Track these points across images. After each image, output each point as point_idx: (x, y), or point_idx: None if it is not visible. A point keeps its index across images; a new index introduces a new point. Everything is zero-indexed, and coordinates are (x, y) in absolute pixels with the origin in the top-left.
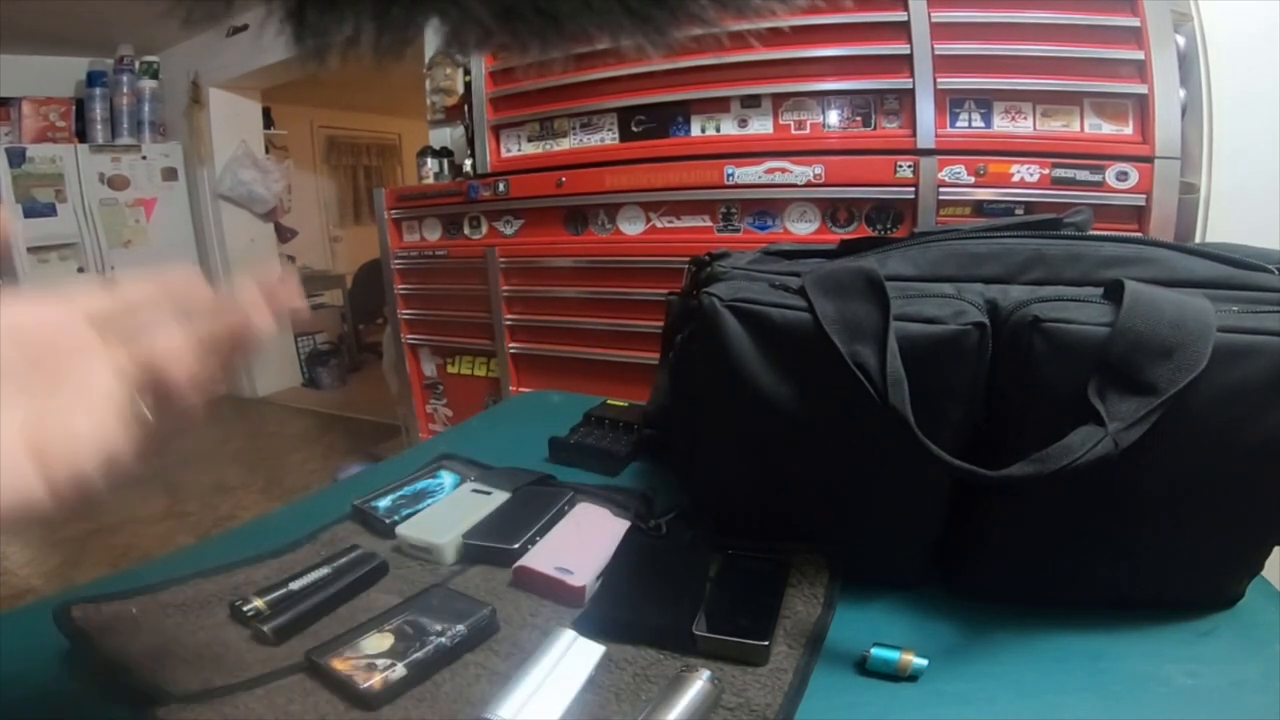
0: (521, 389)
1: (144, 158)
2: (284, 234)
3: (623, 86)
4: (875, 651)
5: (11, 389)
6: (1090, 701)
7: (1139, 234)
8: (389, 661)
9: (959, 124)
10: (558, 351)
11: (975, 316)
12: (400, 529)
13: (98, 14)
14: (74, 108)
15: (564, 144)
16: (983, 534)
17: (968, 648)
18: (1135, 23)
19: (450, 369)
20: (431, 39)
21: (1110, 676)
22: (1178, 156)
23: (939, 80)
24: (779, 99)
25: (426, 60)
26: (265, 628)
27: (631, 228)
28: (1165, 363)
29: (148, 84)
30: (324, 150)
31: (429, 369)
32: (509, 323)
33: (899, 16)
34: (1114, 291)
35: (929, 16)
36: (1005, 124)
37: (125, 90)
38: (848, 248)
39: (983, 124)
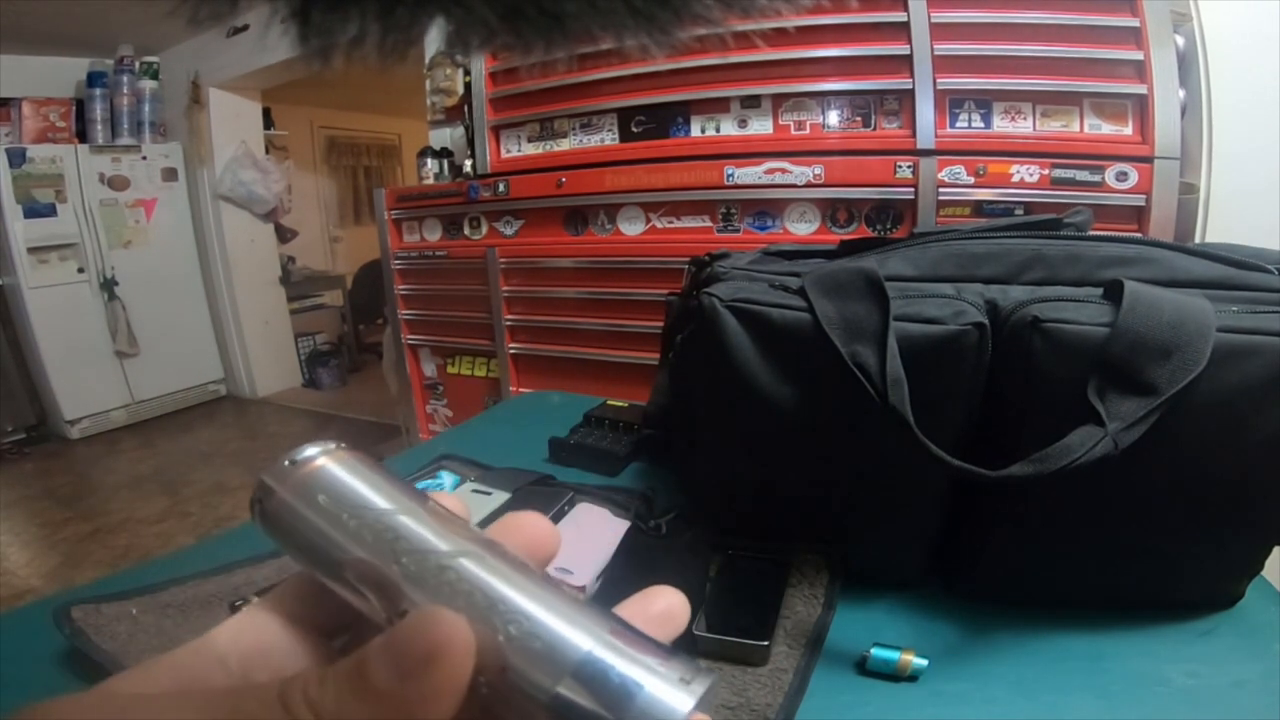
0: (521, 389)
1: (144, 158)
2: (284, 234)
3: (623, 87)
4: (875, 651)
5: None
6: (1090, 701)
7: (1138, 234)
8: None
9: (959, 124)
10: (558, 352)
11: (975, 317)
12: None
13: (98, 14)
14: (74, 108)
15: (564, 144)
16: (983, 534)
17: (968, 648)
18: (1135, 23)
19: (450, 369)
20: (432, 39)
21: (1110, 676)
22: (1177, 156)
23: (939, 80)
24: (779, 99)
25: (427, 61)
26: None
27: (631, 228)
28: (1165, 363)
29: (148, 84)
30: (324, 150)
31: (429, 369)
32: (509, 323)
33: (899, 17)
34: (1113, 292)
35: (929, 17)
36: (1005, 124)
37: (125, 90)
38: (848, 248)
39: (982, 124)
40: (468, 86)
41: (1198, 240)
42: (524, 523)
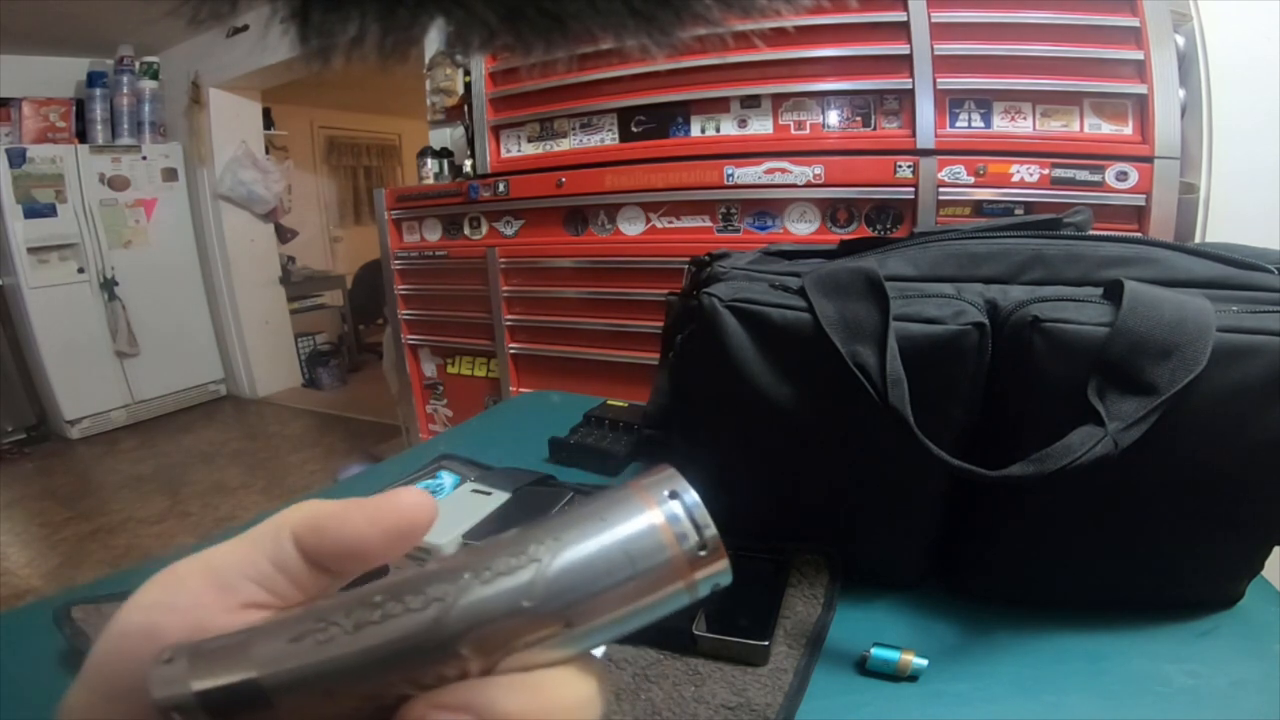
0: (521, 389)
1: (144, 158)
2: (284, 234)
3: (623, 87)
4: (875, 651)
5: None
6: (1090, 701)
7: (1139, 234)
8: None
9: (959, 124)
10: (558, 352)
11: (975, 317)
12: None
13: (98, 14)
14: (74, 108)
15: (564, 144)
16: (983, 534)
17: (968, 648)
18: (1135, 23)
19: (450, 369)
20: (433, 39)
21: (1110, 676)
22: (1177, 156)
23: (939, 80)
24: (779, 99)
25: (427, 61)
26: None
27: (631, 228)
28: (1165, 362)
29: (148, 84)
30: (324, 150)
31: (429, 369)
32: (509, 323)
33: (899, 16)
34: (1114, 291)
35: (929, 16)
36: (1005, 124)
37: (125, 91)
38: (848, 248)
39: (982, 124)
40: (468, 86)
41: (1198, 240)
42: (397, 495)
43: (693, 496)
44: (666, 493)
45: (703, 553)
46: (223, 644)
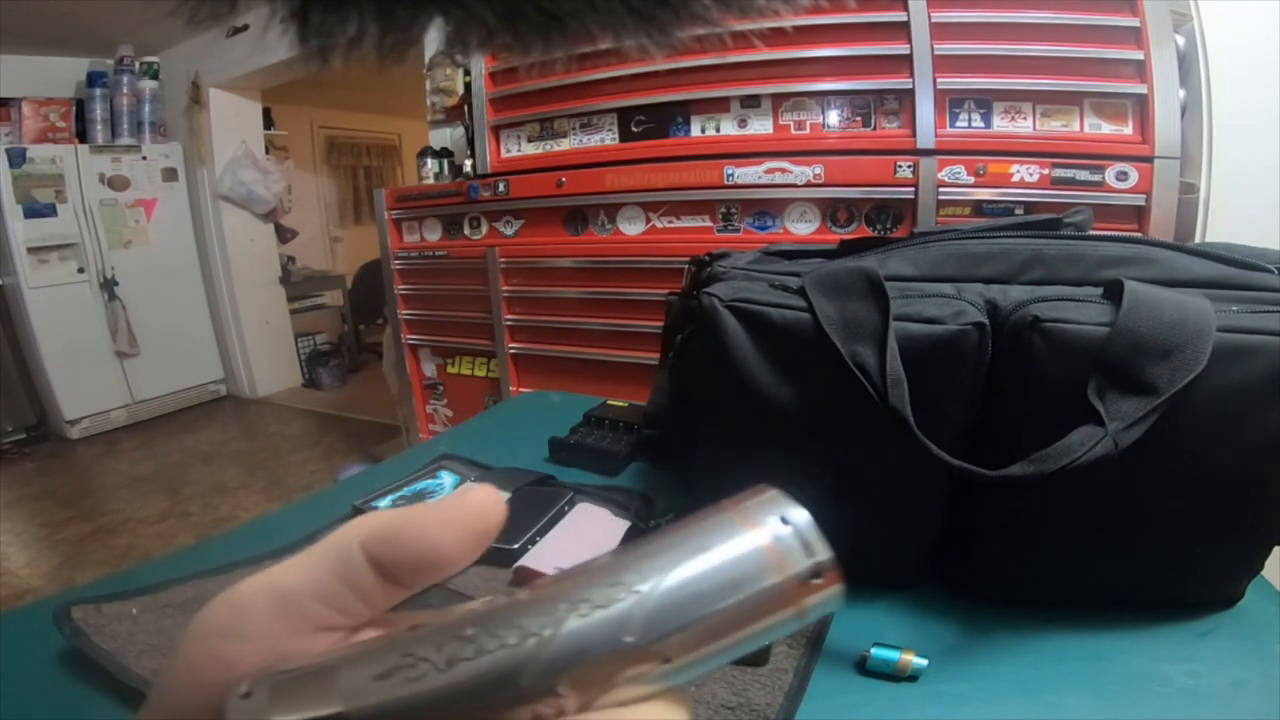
0: (521, 389)
1: (144, 158)
2: (284, 234)
3: (622, 87)
4: (875, 651)
5: None
6: (1090, 701)
7: (1139, 234)
8: None
9: (959, 124)
10: (558, 352)
11: (975, 317)
12: None
13: (98, 14)
14: (74, 108)
15: (564, 144)
16: (983, 534)
17: (968, 648)
18: (1135, 23)
19: (450, 369)
20: (433, 39)
21: (1110, 676)
22: (1177, 156)
23: (939, 80)
24: (779, 99)
25: (427, 61)
26: None
27: (631, 228)
28: (1165, 362)
29: (148, 84)
30: (324, 150)
31: (429, 369)
32: (509, 323)
33: (899, 16)
34: (1113, 291)
35: (929, 16)
36: (1005, 124)
37: (125, 91)
38: (848, 248)
39: (982, 124)
40: (468, 86)
41: (1198, 240)
42: (466, 495)
43: (804, 517)
44: (774, 516)
45: (816, 579)
46: (302, 675)
